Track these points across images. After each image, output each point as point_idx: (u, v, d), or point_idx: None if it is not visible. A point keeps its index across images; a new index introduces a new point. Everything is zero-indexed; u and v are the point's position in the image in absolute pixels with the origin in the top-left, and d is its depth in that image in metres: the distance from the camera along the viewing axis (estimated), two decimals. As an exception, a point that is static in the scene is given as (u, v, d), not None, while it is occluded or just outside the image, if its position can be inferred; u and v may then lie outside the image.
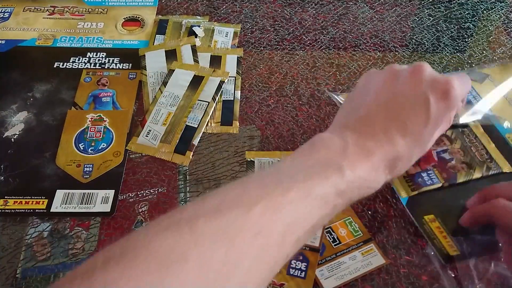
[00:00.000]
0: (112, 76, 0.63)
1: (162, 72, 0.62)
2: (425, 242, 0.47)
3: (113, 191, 0.51)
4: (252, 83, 0.63)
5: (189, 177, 0.53)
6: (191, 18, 0.70)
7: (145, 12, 0.72)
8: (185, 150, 0.55)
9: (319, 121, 0.59)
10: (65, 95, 0.60)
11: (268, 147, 0.56)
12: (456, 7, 0.74)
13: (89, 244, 0.48)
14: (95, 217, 0.50)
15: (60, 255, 0.47)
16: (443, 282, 0.45)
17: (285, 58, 0.66)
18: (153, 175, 0.53)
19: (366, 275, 0.46)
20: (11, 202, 0.50)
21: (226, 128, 0.57)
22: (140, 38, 0.68)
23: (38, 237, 0.48)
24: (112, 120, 0.58)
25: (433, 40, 0.69)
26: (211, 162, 0.55)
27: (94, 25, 0.69)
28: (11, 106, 0.59)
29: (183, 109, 0.58)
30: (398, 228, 0.49)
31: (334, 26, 0.71)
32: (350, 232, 0.48)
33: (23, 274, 0.46)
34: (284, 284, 0.43)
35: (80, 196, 0.51)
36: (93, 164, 0.53)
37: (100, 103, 0.59)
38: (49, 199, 0.50)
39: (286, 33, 0.70)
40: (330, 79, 0.64)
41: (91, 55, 0.65)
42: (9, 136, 0.56)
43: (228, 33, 0.68)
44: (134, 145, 0.55)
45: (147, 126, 0.57)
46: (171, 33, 0.68)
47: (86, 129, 0.57)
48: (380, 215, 0.50)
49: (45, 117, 0.58)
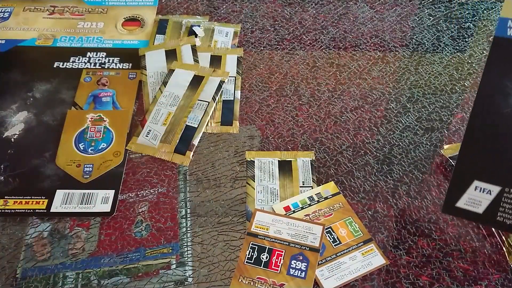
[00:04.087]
0: (112, 76, 0.63)
1: (162, 72, 0.62)
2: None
3: (113, 191, 0.51)
4: (252, 83, 0.63)
5: (189, 177, 0.53)
6: (191, 18, 0.70)
7: (145, 12, 0.72)
8: (185, 150, 0.55)
9: (319, 121, 0.59)
10: (65, 95, 0.60)
11: (268, 147, 0.56)
12: (456, 7, 0.74)
13: (89, 244, 0.48)
14: (95, 217, 0.50)
15: (60, 255, 0.47)
16: (443, 282, 0.45)
17: (285, 58, 0.66)
18: (153, 175, 0.53)
19: (366, 275, 0.46)
20: (11, 202, 0.50)
21: (226, 128, 0.57)
22: (140, 38, 0.68)
23: (38, 237, 0.48)
24: (112, 120, 0.58)
25: (433, 40, 0.69)
26: (211, 162, 0.55)
27: (94, 25, 0.69)
28: (11, 106, 0.59)
29: (183, 109, 0.58)
30: (398, 228, 0.49)
31: (334, 26, 0.71)
32: (351, 232, 0.47)
33: (23, 274, 0.46)
34: (284, 284, 0.43)
35: (80, 196, 0.51)
36: (93, 164, 0.53)
37: (100, 103, 0.59)
38: (49, 199, 0.50)
39: (286, 33, 0.70)
40: (330, 79, 0.64)
41: (91, 55, 0.65)
42: (9, 136, 0.56)
43: (228, 33, 0.68)
44: (134, 145, 0.55)
45: (147, 126, 0.57)
46: (171, 33, 0.68)
47: (86, 129, 0.57)
48: (380, 215, 0.50)
49: (45, 117, 0.58)
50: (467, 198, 0.36)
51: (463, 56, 0.67)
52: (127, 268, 0.47)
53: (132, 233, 0.49)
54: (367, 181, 0.53)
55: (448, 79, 0.64)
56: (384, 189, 0.52)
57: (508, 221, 0.34)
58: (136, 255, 0.48)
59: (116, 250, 0.48)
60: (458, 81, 0.64)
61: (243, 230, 0.49)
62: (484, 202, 0.36)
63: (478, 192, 0.36)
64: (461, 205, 0.37)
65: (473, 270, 0.47)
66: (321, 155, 0.56)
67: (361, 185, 0.53)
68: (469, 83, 0.63)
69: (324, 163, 0.54)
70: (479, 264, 0.47)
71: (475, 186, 0.35)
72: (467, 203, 0.36)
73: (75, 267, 0.46)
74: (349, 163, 0.54)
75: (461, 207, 0.36)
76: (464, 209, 0.36)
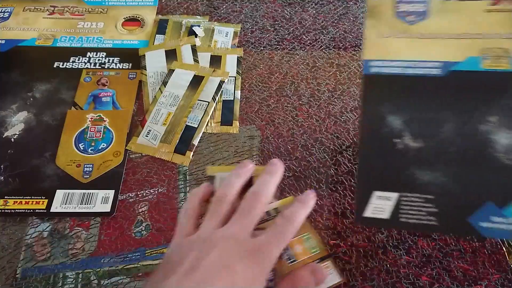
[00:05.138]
0: (112, 76, 0.63)
1: (162, 72, 0.62)
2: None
3: (113, 191, 0.51)
4: (252, 83, 0.63)
5: (189, 177, 0.53)
6: (191, 18, 0.70)
7: (145, 12, 0.72)
8: (185, 150, 0.55)
9: (319, 121, 0.59)
10: (65, 95, 0.60)
11: (268, 147, 0.56)
12: (456, 7, 0.74)
13: (89, 244, 0.48)
14: (95, 217, 0.50)
15: (60, 255, 0.47)
16: (443, 282, 0.45)
17: (285, 58, 0.66)
18: (153, 175, 0.53)
19: (367, 275, 0.46)
20: (11, 202, 0.50)
21: (226, 128, 0.57)
22: (140, 38, 0.68)
23: (38, 237, 0.48)
24: (112, 120, 0.58)
25: (433, 40, 0.69)
26: (211, 162, 0.55)
27: (94, 25, 0.69)
28: (11, 106, 0.59)
29: (183, 109, 0.58)
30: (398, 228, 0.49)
31: (334, 26, 0.71)
32: (307, 249, 0.44)
33: (23, 274, 0.46)
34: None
35: (80, 196, 0.51)
36: (93, 164, 0.53)
37: (100, 103, 0.59)
38: (49, 199, 0.50)
39: (286, 33, 0.70)
40: (330, 79, 0.64)
41: (91, 55, 0.65)
42: (9, 136, 0.56)
43: (228, 33, 0.68)
44: (134, 145, 0.55)
45: (147, 126, 0.57)
46: (171, 33, 0.68)
47: (86, 129, 0.57)
48: (380, 215, 0.50)
49: (45, 117, 0.58)
50: (372, 208, 0.40)
51: (463, 56, 0.67)
52: (127, 268, 0.47)
53: (132, 233, 0.49)
54: (367, 181, 0.53)
55: (448, 79, 0.64)
56: (384, 189, 0.52)
57: (410, 221, 0.39)
58: (136, 255, 0.48)
59: (116, 250, 0.48)
60: (458, 81, 0.63)
61: (243, 230, 0.49)
62: (387, 209, 0.40)
63: (380, 201, 0.40)
64: (368, 214, 0.40)
65: (473, 270, 0.47)
66: (321, 155, 0.56)
67: (361, 185, 0.53)
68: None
69: (324, 163, 0.54)
70: (479, 264, 0.47)
71: (377, 196, 0.40)
72: (374, 211, 0.40)
73: (75, 267, 0.46)
74: (349, 163, 0.54)
75: (370, 216, 0.40)
76: (372, 217, 0.40)
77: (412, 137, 0.41)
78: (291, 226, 0.42)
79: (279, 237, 0.41)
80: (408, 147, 0.41)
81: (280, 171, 0.48)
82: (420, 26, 0.48)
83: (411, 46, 0.47)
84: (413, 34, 0.47)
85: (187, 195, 0.48)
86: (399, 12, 0.49)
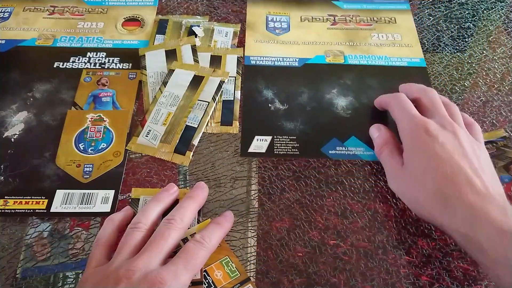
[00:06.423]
0: (112, 76, 0.63)
1: (162, 72, 0.62)
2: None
3: (113, 191, 0.51)
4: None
5: (189, 177, 0.53)
6: (191, 18, 0.70)
7: (145, 12, 0.72)
8: (185, 150, 0.55)
9: (319, 121, 0.59)
10: (65, 95, 0.60)
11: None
12: (456, 7, 0.74)
13: (89, 244, 0.48)
14: (95, 217, 0.50)
15: (60, 255, 0.47)
16: (443, 282, 0.45)
17: (285, 58, 0.66)
18: (153, 175, 0.53)
19: (367, 274, 0.46)
20: (11, 202, 0.50)
21: (226, 128, 0.57)
22: (140, 38, 0.68)
23: (38, 237, 0.48)
24: (112, 120, 0.58)
25: (433, 40, 0.69)
26: (211, 162, 0.55)
27: (94, 25, 0.69)
28: (11, 106, 0.59)
29: (183, 109, 0.58)
30: (398, 228, 0.49)
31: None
32: (227, 273, 0.44)
33: (23, 274, 0.46)
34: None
35: (80, 196, 0.51)
36: (93, 164, 0.53)
37: (100, 103, 0.59)
38: (49, 199, 0.50)
39: (286, 33, 0.70)
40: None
41: (91, 55, 0.65)
42: (9, 136, 0.56)
43: (228, 33, 0.68)
44: (134, 145, 0.55)
45: (147, 126, 0.57)
46: (171, 33, 0.68)
47: (86, 129, 0.57)
48: (380, 215, 0.50)
49: (45, 117, 0.58)
50: (254, 146, 0.55)
51: (463, 56, 0.67)
52: (127, 268, 0.47)
53: (132, 233, 0.49)
54: (367, 181, 0.53)
55: (448, 79, 0.64)
56: (384, 189, 0.52)
57: (281, 152, 0.55)
58: (136, 255, 0.48)
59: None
60: (458, 81, 0.64)
61: (243, 230, 0.49)
62: (264, 146, 0.55)
63: (259, 142, 0.56)
64: (251, 150, 0.55)
65: (473, 270, 0.47)
66: (321, 155, 0.56)
67: (361, 185, 0.53)
68: (469, 83, 0.63)
69: (324, 163, 0.54)
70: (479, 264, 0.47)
71: (257, 138, 0.56)
72: (255, 148, 0.55)
73: (75, 267, 0.46)
74: (349, 163, 0.54)
75: (251, 151, 0.55)
76: (253, 152, 0.55)
77: (280, 103, 0.59)
78: (203, 250, 0.42)
79: (188, 263, 0.40)
80: (278, 108, 0.59)
81: (202, 195, 0.48)
82: (284, 36, 0.68)
83: (277, 48, 0.66)
84: (279, 41, 0.67)
85: (104, 221, 0.46)
86: (270, 27, 0.69)
